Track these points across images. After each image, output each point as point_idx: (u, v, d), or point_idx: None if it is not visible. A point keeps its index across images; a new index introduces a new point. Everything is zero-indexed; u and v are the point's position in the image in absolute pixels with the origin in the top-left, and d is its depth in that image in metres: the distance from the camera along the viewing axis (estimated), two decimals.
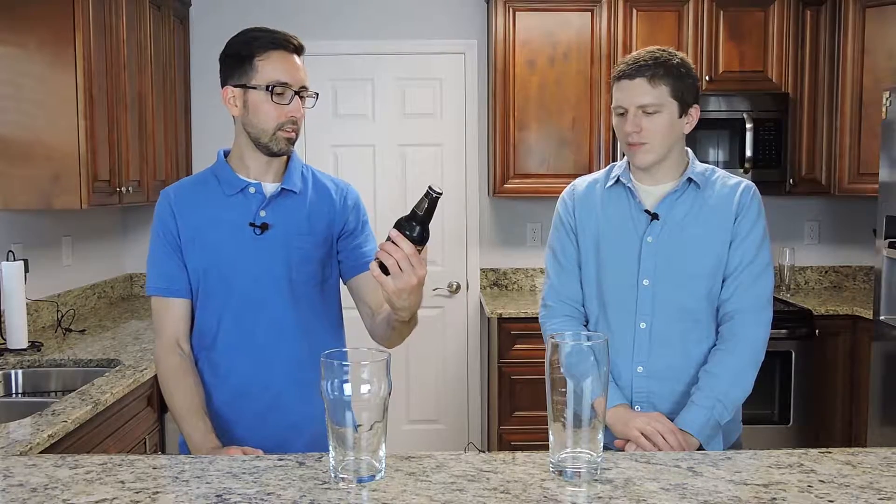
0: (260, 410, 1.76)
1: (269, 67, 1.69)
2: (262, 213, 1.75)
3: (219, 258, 1.74)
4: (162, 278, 1.76)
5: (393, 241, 1.41)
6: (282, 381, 1.76)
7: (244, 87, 1.71)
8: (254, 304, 1.75)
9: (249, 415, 1.76)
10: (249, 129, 1.73)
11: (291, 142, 1.74)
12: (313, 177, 1.85)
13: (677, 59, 1.78)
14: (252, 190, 1.76)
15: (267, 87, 1.68)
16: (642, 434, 1.70)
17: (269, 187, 1.78)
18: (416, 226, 1.42)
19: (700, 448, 1.70)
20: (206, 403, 1.73)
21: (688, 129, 1.81)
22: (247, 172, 1.78)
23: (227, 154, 1.83)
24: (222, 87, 1.75)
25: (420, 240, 1.42)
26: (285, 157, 1.80)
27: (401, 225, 1.43)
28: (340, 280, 1.87)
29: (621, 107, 1.79)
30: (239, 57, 1.71)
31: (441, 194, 1.41)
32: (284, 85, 1.69)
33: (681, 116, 1.78)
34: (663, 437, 1.68)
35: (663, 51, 1.79)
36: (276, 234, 1.75)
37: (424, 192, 1.42)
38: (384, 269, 1.43)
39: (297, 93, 1.71)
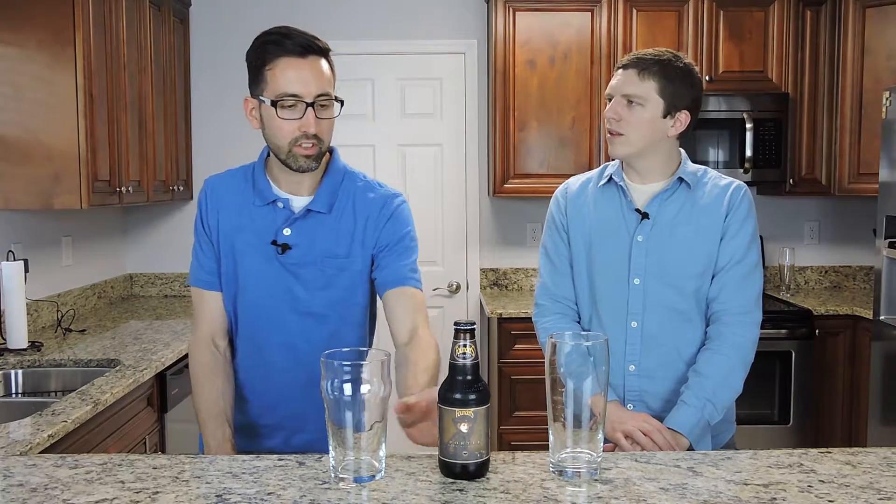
0: (276, 429, 1.73)
1: (276, 78, 1.55)
2: (287, 232, 1.64)
3: (238, 268, 1.68)
4: (203, 270, 1.72)
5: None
6: (298, 402, 1.68)
7: (259, 99, 1.59)
8: (268, 324, 1.68)
9: (267, 431, 1.74)
10: (269, 143, 1.63)
11: (312, 158, 1.59)
12: (356, 189, 1.69)
13: (681, 63, 1.77)
14: (280, 205, 1.65)
15: (272, 101, 1.56)
16: (625, 435, 1.69)
17: (298, 203, 1.66)
18: (467, 387, 1.23)
19: (689, 448, 1.69)
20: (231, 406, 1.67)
21: (672, 132, 1.79)
22: (280, 184, 1.67)
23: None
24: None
25: (482, 399, 1.24)
26: (320, 170, 1.67)
27: (446, 398, 1.24)
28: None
29: (609, 94, 1.83)
30: (252, 66, 1.60)
31: (474, 324, 1.25)
32: (294, 97, 1.55)
33: (665, 117, 1.77)
34: (649, 437, 1.67)
35: (672, 53, 1.79)
36: (298, 255, 1.65)
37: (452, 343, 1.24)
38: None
39: (310, 104, 1.55)
